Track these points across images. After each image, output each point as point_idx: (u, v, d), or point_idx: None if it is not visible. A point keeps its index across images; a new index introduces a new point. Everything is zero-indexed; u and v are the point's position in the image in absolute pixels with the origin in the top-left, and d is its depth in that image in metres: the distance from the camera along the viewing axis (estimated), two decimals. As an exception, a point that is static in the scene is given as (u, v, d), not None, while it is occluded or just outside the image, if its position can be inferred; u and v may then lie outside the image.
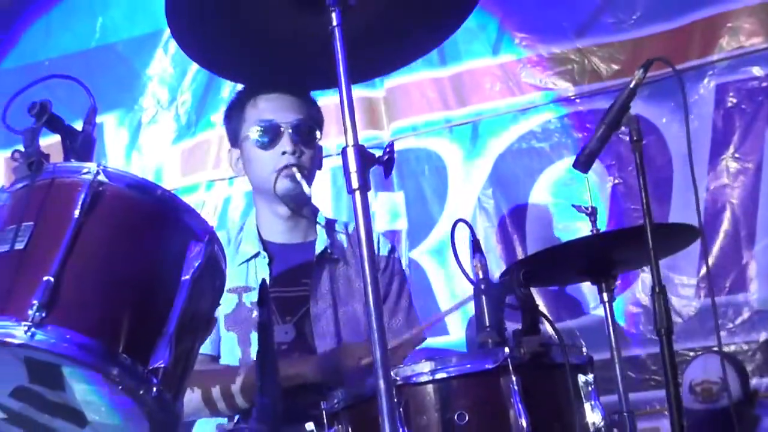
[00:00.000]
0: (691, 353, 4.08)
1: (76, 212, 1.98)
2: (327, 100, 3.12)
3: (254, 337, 2.98)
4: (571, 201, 4.27)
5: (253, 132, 3.08)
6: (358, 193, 1.94)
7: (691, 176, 2.54)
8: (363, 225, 1.90)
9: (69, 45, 5.05)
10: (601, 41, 4.42)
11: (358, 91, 4.59)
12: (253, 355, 2.93)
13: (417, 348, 3.07)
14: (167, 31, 4.82)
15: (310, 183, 3.08)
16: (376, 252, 3.18)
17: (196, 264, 2.05)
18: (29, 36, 5.20)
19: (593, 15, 4.43)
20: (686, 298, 4.14)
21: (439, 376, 2.06)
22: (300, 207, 3.13)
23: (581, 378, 2.14)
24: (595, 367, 2.20)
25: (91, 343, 1.89)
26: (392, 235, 4.40)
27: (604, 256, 2.71)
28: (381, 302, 1.89)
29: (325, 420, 2.19)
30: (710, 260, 4.07)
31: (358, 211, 1.93)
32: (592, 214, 2.76)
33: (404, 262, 4.08)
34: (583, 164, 2.63)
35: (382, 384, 1.84)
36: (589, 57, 4.43)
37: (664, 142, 4.27)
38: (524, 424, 2.00)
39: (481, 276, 2.18)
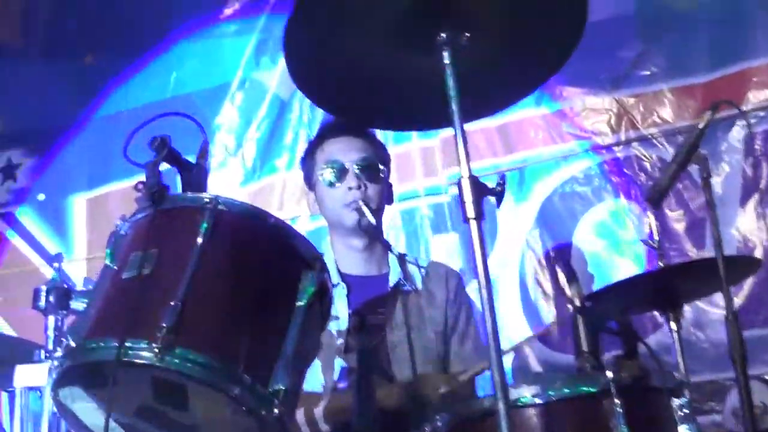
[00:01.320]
0: (730, 381, 3.92)
1: (199, 239, 1.88)
2: (400, 149, 3.06)
3: (338, 363, 2.87)
4: (611, 240, 4.25)
5: (322, 173, 3.03)
6: (474, 223, 1.82)
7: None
8: (480, 254, 1.79)
9: (146, 97, 4.99)
10: (635, 92, 4.31)
11: (417, 142, 4.51)
12: (335, 380, 2.84)
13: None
14: (235, 83, 4.92)
15: (380, 215, 3.04)
16: (446, 284, 3.11)
17: (310, 291, 1.94)
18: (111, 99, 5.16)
19: (628, 69, 4.32)
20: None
21: (543, 399, 1.92)
22: (372, 238, 3.06)
23: (675, 401, 2.00)
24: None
25: (216, 365, 1.78)
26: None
27: (672, 287, 2.58)
28: (497, 328, 1.76)
29: (427, 442, 2.05)
30: (745, 293, 3.93)
31: (474, 240, 1.82)
32: (660, 247, 2.64)
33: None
34: (654, 201, 2.52)
35: (501, 406, 1.71)
36: (625, 106, 4.32)
37: (697, 186, 4.14)
38: (628, 444, 1.86)
39: (577, 303, 2.05)
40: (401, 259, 3.14)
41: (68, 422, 1.98)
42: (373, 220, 2.95)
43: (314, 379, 2.92)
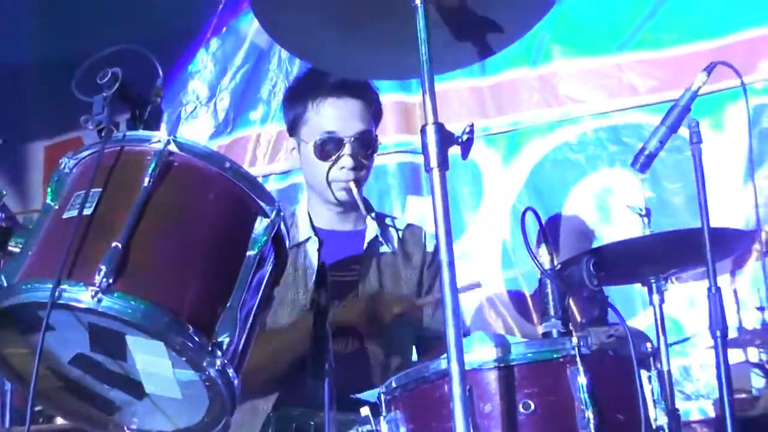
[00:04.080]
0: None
1: (146, 180, 1.90)
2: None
3: None
4: (605, 212, 4.28)
5: (315, 141, 3.01)
6: (436, 171, 1.85)
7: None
8: (441, 205, 1.82)
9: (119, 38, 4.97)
10: (639, 57, 4.32)
11: (394, 96, 4.52)
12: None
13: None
14: (210, 29, 4.92)
15: (362, 186, 3.08)
16: (423, 247, 3.16)
17: (263, 240, 1.97)
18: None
19: (633, 31, 4.34)
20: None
21: (504, 363, 1.96)
22: (353, 206, 3.11)
23: (644, 373, 2.04)
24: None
25: (157, 311, 1.81)
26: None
27: (657, 257, 2.62)
28: (456, 284, 1.80)
29: (382, 405, 2.09)
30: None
31: (436, 190, 1.85)
32: (647, 215, 2.67)
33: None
34: (642, 165, 2.56)
35: (455, 367, 1.75)
36: (627, 72, 4.33)
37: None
38: (590, 415, 1.91)
39: (547, 265, 2.09)
40: (379, 218, 3.19)
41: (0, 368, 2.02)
42: (360, 204, 3.00)
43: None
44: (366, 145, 3.02)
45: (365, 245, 3.12)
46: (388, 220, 3.23)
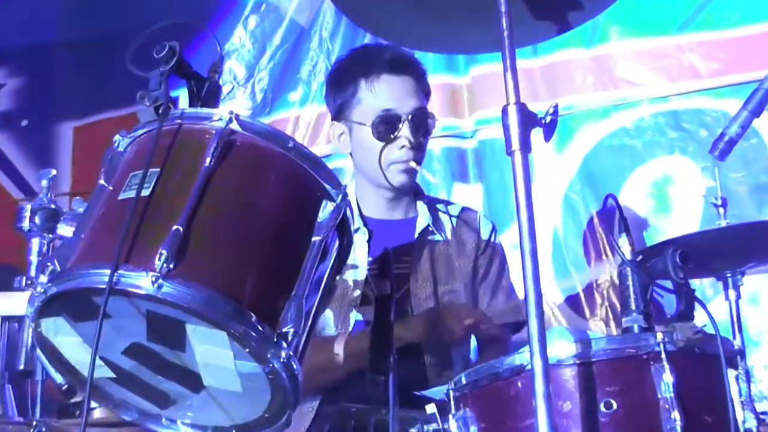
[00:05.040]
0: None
1: (208, 160, 1.85)
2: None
3: (353, 316, 2.88)
4: (663, 202, 4.20)
5: (370, 119, 2.98)
6: (518, 154, 1.80)
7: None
8: (523, 190, 1.76)
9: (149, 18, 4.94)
10: (701, 38, 4.23)
11: (440, 77, 4.45)
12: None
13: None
14: (249, 6, 4.87)
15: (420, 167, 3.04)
16: (478, 233, 3.11)
17: (328, 225, 1.92)
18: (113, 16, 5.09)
19: (695, 10, 4.25)
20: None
21: (584, 359, 1.90)
22: (406, 191, 3.08)
23: (731, 372, 1.98)
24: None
25: (221, 299, 1.76)
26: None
27: (733, 250, 2.55)
28: (539, 274, 1.74)
29: (451, 402, 2.03)
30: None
31: (518, 175, 1.79)
32: (723, 206, 2.61)
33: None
34: (721, 151, 2.48)
35: (538, 363, 1.69)
36: (688, 54, 4.25)
37: (764, 146, 4.09)
38: (676, 416, 1.85)
39: (628, 256, 2.03)
40: (431, 204, 3.14)
41: (47, 357, 1.98)
42: (432, 179, 2.96)
43: (326, 333, 2.92)
44: (423, 122, 3.00)
45: (416, 235, 3.07)
46: (440, 206, 3.18)
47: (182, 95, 2.08)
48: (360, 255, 2.92)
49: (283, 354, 1.79)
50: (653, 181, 4.23)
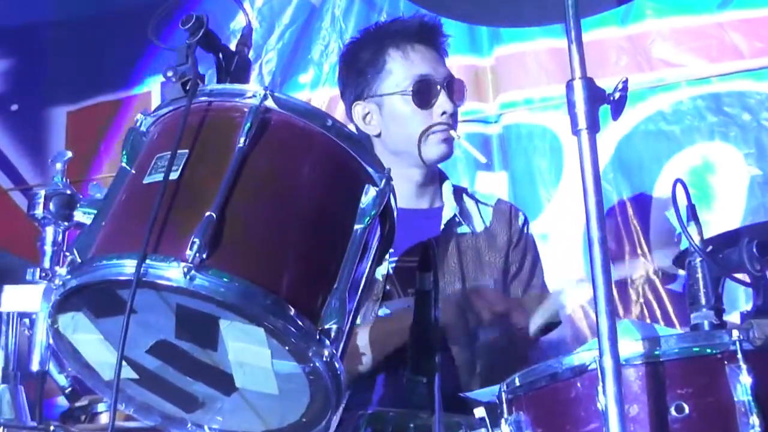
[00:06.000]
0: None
1: (241, 140, 1.78)
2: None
3: (378, 311, 2.82)
4: (703, 191, 4.14)
5: (404, 88, 2.95)
6: (585, 134, 1.73)
7: None
8: (591, 173, 1.70)
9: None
10: (744, 15, 4.17)
11: (462, 58, 4.38)
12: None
13: None
14: None
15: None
16: (510, 225, 3.06)
17: (371, 213, 1.85)
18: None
19: (738, -14, 4.19)
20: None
21: (653, 358, 1.83)
22: (434, 177, 3.06)
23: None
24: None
25: (258, 292, 1.69)
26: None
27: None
28: (609, 265, 1.67)
29: (503, 405, 1.97)
30: None
31: (585, 156, 1.73)
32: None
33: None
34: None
35: (609, 362, 1.63)
36: (730, 33, 4.18)
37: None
38: (755, 421, 1.78)
39: (698, 245, 1.96)
40: (459, 193, 3.09)
41: (64, 356, 1.91)
42: (482, 158, 3.18)
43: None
44: (460, 89, 2.99)
45: (442, 225, 3.01)
46: (477, 195, 3.14)
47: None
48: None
49: (326, 352, 1.73)
50: (692, 169, 4.16)
